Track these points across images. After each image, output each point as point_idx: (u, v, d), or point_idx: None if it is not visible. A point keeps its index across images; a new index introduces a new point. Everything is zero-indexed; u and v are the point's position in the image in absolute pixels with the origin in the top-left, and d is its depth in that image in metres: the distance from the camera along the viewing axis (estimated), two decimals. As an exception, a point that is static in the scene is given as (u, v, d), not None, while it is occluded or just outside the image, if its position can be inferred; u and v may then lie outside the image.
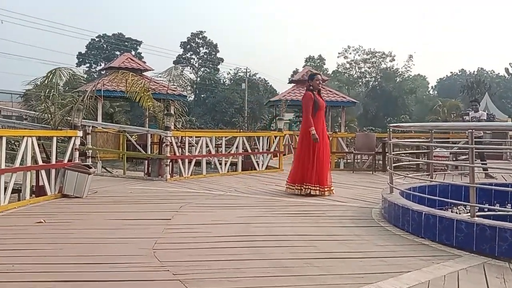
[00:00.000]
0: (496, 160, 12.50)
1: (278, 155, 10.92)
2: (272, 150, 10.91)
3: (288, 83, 25.39)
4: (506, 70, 57.26)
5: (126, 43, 52.82)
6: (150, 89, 10.74)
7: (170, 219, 4.76)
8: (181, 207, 5.51)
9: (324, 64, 59.56)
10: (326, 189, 6.51)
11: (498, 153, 12.46)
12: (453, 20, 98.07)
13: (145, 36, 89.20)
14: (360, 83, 56.82)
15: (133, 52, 45.15)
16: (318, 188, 6.43)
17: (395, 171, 5.69)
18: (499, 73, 62.77)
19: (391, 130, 5.98)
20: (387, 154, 6.67)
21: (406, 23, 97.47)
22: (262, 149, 10.46)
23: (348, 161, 11.84)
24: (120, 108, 26.12)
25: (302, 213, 5.29)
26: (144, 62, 22.89)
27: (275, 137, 11.05)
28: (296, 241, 3.97)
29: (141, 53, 52.49)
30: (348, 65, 57.83)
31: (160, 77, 11.80)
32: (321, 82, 7.05)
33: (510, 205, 5.55)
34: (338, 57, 60.69)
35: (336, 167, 11.32)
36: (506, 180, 7.87)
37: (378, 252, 3.67)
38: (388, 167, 6.24)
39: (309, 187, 6.44)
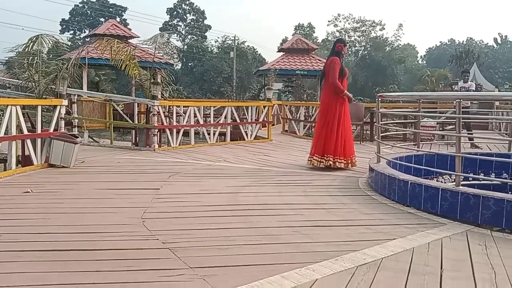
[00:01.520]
0: (482, 130, 12.67)
1: (267, 125, 10.92)
2: (261, 120, 10.89)
3: (277, 51, 25.07)
4: (495, 40, 57.37)
5: (110, 10, 51.32)
6: (136, 56, 10.51)
7: (158, 189, 4.77)
8: (170, 176, 5.51)
9: (314, 32, 58.83)
10: (349, 161, 6.25)
11: (484, 123, 12.61)
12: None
13: (130, 2, 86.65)
14: (350, 53, 56.39)
15: (118, 19, 43.96)
16: (343, 160, 6.17)
17: (382, 141, 5.74)
18: (487, 43, 62.92)
19: (379, 99, 5.98)
20: (375, 124, 6.70)
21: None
22: (251, 119, 10.44)
23: (337, 131, 11.88)
24: (106, 76, 25.64)
25: (290, 182, 5.33)
26: (130, 29, 22.36)
27: (264, 107, 11.02)
28: (284, 210, 4.01)
29: (126, 19, 51.16)
30: (338, 34, 57.18)
31: (145, 44, 11.55)
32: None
33: (494, 174, 5.65)
34: (328, 25, 60.05)
35: (324, 136, 11.37)
36: (491, 150, 8.01)
37: (365, 220, 3.74)
38: (375, 137, 6.29)
39: (337, 159, 6.13)
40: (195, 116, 9.13)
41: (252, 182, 5.28)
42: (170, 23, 52.89)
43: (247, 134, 10.23)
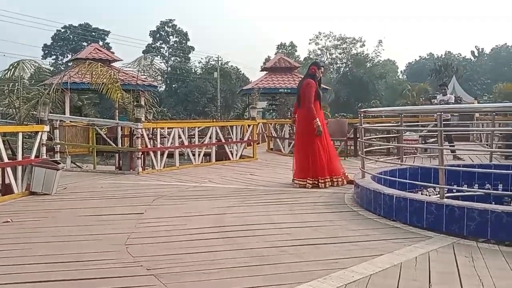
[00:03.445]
0: (463, 141, 12.87)
1: (252, 144, 10.91)
2: (246, 139, 10.89)
3: (261, 70, 25.30)
4: (472, 53, 58.94)
5: (93, 34, 51.33)
6: (119, 80, 10.48)
7: (142, 213, 4.69)
8: (154, 200, 5.44)
9: (296, 51, 59.67)
10: (339, 178, 6.24)
11: (465, 135, 12.83)
12: (422, 4, 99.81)
13: (113, 25, 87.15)
14: (332, 70, 57.21)
15: (100, 43, 43.91)
16: (329, 179, 6.18)
17: (366, 156, 5.78)
18: (465, 56, 64.64)
19: (362, 115, 6.04)
20: (359, 139, 6.75)
21: (376, 6, 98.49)
22: (236, 139, 10.43)
23: (321, 147, 11.94)
24: (89, 100, 25.41)
25: (276, 201, 5.31)
26: (113, 53, 22.37)
27: (249, 125, 11.03)
28: (271, 230, 3.98)
29: (109, 43, 51.25)
30: (319, 52, 58.04)
31: (129, 67, 11.54)
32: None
33: (477, 185, 5.72)
34: (309, 43, 60.72)
35: (309, 153, 11.42)
36: (473, 161, 8.12)
37: (352, 236, 3.72)
38: (359, 152, 6.33)
39: (321, 180, 6.14)
40: (179, 137, 9.09)
41: (238, 203, 5.24)
42: (153, 45, 53.10)
43: (232, 154, 10.20)
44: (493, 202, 4.73)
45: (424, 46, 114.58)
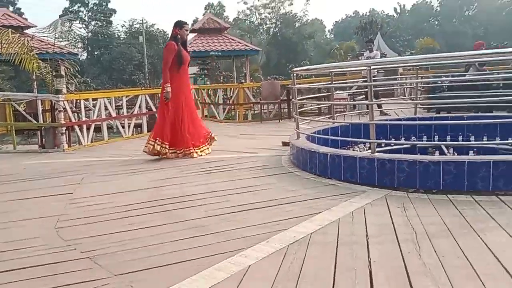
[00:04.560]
0: (389, 97, 13.50)
1: (185, 111, 10.62)
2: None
3: (189, 33, 24.44)
4: (395, 9, 61.27)
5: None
6: (34, 48, 9.58)
7: (72, 193, 4.40)
8: (83, 178, 5.13)
9: (225, 11, 58.42)
10: (192, 151, 6.02)
11: (390, 91, 13.44)
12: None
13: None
14: (261, 30, 56.89)
15: (10, 8, 39.95)
16: (173, 150, 6.02)
17: (300, 117, 5.83)
18: (388, 13, 67.12)
19: (294, 75, 6.04)
20: (292, 100, 6.79)
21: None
22: (168, 106, 10.06)
23: (256, 112, 11.95)
24: (3, 74, 23.35)
25: (214, 169, 5.23)
26: (26, 19, 20.48)
27: (180, 92, 10.67)
28: (211, 198, 3.91)
29: (20, 8, 46.78)
30: (248, 12, 57.30)
31: (44, 33, 10.56)
32: (188, 33, 6.26)
33: (403, 138, 6.02)
34: (238, 3, 59.74)
35: (244, 119, 11.40)
36: (398, 116, 8.55)
37: (290, 197, 3.76)
38: (293, 113, 6.38)
39: (167, 149, 5.97)
40: (106, 109, 8.61)
41: (175, 174, 5.09)
42: (70, 9, 49.19)
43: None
44: (419, 153, 5.03)
45: (349, 4, 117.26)
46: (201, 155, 6.10)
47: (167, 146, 5.96)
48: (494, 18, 58.50)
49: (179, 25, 6.12)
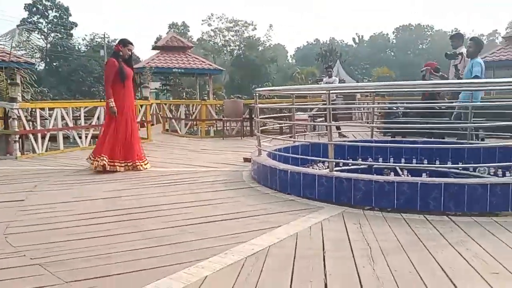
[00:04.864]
0: (347, 121, 13.92)
1: (146, 125, 10.49)
2: (138, 119, 10.40)
3: (152, 49, 24.34)
4: (354, 39, 63.68)
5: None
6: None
7: (23, 200, 4.23)
8: (36, 186, 4.93)
9: (189, 31, 58.72)
10: (138, 164, 6.04)
11: (348, 114, 13.88)
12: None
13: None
14: (225, 52, 57.47)
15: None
16: (125, 163, 5.98)
17: (262, 135, 5.90)
18: (347, 43, 69.74)
19: (257, 94, 6.14)
20: (254, 118, 6.88)
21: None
22: (128, 119, 9.89)
23: (218, 128, 11.97)
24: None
25: (174, 181, 5.18)
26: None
27: (141, 106, 10.56)
28: (170, 210, 3.86)
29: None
30: (212, 33, 57.85)
31: (0, 41, 10.26)
32: (132, 53, 6.34)
33: (360, 159, 6.21)
34: (202, 24, 60.24)
35: (206, 135, 11.37)
36: (356, 138, 8.82)
37: (250, 211, 3.78)
38: (255, 131, 6.45)
39: (115, 163, 5.91)
40: (63, 119, 8.35)
41: (132, 185, 4.99)
42: (29, 19, 47.68)
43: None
44: (375, 174, 5.20)
45: (310, 32, 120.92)
46: (146, 168, 6.09)
47: (116, 162, 5.90)
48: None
49: (123, 43, 6.24)
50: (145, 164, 6.14)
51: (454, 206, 3.66)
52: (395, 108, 9.26)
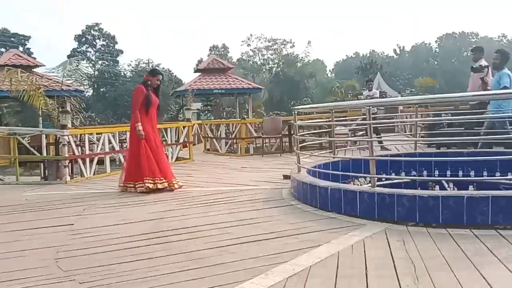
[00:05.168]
0: (389, 133, 13.60)
1: (188, 145, 10.74)
2: (181, 141, 10.69)
3: (194, 72, 25.03)
4: (394, 51, 62.59)
5: (12, 39, 47.79)
6: (42, 86, 9.89)
7: (72, 224, 4.41)
8: (85, 209, 5.15)
9: (228, 52, 59.96)
10: (174, 183, 6.23)
11: (391, 127, 13.58)
12: (346, 6, 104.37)
13: (34, 31, 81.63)
14: (264, 70, 58.08)
15: (21, 48, 41.06)
16: (164, 181, 6.14)
17: (301, 151, 5.89)
18: (388, 54, 68.58)
19: (296, 112, 6.15)
20: (293, 135, 6.88)
21: (305, 9, 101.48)
22: (171, 141, 10.20)
23: (257, 145, 12.04)
24: (9, 109, 23.69)
25: (215, 201, 5.24)
26: (34, 58, 21.12)
27: (184, 127, 10.84)
28: (211, 230, 3.91)
29: (30, 48, 48.09)
30: (251, 53, 58.74)
31: (53, 72, 10.95)
32: (161, 83, 6.62)
33: (404, 173, 6.05)
34: (241, 45, 61.32)
35: (246, 152, 11.47)
36: (399, 151, 8.59)
37: (291, 230, 3.76)
38: (294, 148, 6.45)
39: (154, 181, 6.06)
40: (109, 142, 8.71)
41: (176, 206, 5.10)
42: (78, 49, 50.62)
43: (168, 156, 9.96)
44: (419, 188, 5.03)
45: (350, 45, 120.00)
46: (180, 186, 6.27)
47: (156, 180, 6.08)
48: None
49: (152, 73, 6.59)
50: (176, 184, 6.28)
51: (503, 220, 3.48)
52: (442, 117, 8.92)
